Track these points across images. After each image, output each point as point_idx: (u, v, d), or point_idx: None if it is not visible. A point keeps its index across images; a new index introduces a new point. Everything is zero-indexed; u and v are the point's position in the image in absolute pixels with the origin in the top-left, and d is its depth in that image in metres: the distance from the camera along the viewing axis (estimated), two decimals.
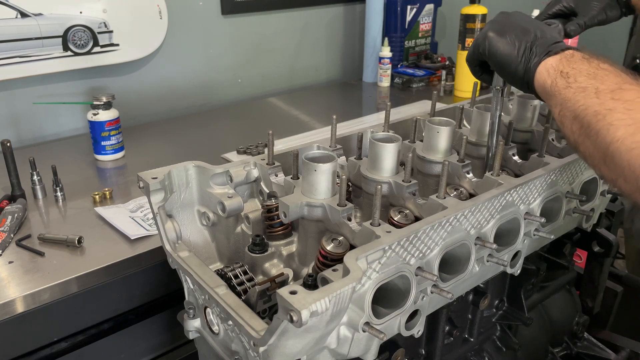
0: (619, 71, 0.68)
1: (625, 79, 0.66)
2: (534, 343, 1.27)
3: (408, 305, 0.74)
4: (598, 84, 0.67)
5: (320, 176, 0.81)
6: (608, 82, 0.66)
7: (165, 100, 2.03)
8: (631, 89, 0.63)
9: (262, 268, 0.88)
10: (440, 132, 0.97)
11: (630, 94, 0.63)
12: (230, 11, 2.09)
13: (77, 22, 1.68)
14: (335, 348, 0.71)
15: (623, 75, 0.67)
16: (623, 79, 0.66)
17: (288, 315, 0.56)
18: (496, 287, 1.11)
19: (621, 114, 0.61)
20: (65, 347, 1.06)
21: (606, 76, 0.67)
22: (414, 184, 0.87)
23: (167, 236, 0.86)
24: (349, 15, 2.48)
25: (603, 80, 0.67)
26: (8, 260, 1.07)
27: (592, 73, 0.69)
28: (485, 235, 0.86)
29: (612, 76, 0.67)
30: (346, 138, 1.05)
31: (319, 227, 0.84)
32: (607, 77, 0.67)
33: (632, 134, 0.59)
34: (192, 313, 0.84)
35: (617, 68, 0.69)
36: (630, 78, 0.66)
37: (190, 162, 0.89)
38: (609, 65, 0.70)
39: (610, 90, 0.65)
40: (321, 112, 2.07)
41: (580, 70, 0.71)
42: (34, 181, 1.32)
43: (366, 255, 0.67)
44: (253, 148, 1.62)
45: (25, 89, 1.70)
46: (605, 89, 0.65)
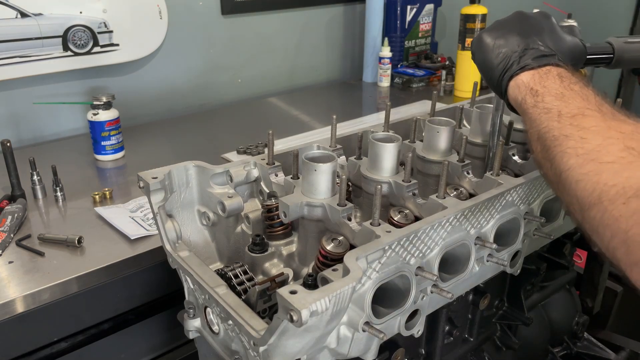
0: (588, 93, 0.66)
1: (589, 104, 0.63)
2: (533, 343, 1.27)
3: (408, 305, 0.74)
4: (562, 106, 0.65)
5: (320, 176, 0.81)
6: (572, 105, 0.64)
7: (165, 100, 2.03)
8: (592, 115, 0.61)
9: (262, 268, 0.88)
10: (440, 132, 0.97)
11: (590, 120, 0.61)
12: (230, 11, 2.09)
13: (77, 22, 1.68)
14: (335, 348, 0.71)
15: (590, 98, 0.65)
16: (588, 103, 0.64)
17: (288, 314, 0.56)
18: (496, 287, 1.11)
19: (575, 142, 0.60)
20: (65, 347, 1.06)
21: (572, 98, 0.65)
22: (414, 184, 0.87)
23: (167, 236, 0.86)
24: (349, 15, 2.48)
25: (568, 103, 0.65)
26: (8, 260, 1.07)
27: (559, 94, 0.67)
28: (485, 235, 0.86)
29: (578, 99, 0.65)
30: (346, 138, 1.05)
31: (319, 226, 0.84)
32: (573, 99, 0.65)
33: (580, 165, 0.58)
34: (192, 313, 0.84)
35: (588, 90, 0.67)
36: (597, 102, 0.64)
37: (190, 162, 0.89)
38: (580, 86, 0.68)
39: (571, 115, 0.63)
40: (321, 112, 2.07)
41: (550, 89, 0.69)
42: (34, 181, 1.32)
43: (366, 255, 0.67)
44: (253, 148, 1.62)
45: (25, 89, 1.70)
46: (567, 112, 0.63)
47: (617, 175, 0.53)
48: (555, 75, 0.71)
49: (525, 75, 0.74)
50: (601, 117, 0.60)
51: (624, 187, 0.51)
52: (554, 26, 0.81)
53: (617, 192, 0.51)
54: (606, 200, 0.52)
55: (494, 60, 0.79)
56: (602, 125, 0.59)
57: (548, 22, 0.81)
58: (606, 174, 0.54)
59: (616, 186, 0.52)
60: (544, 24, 0.81)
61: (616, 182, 0.52)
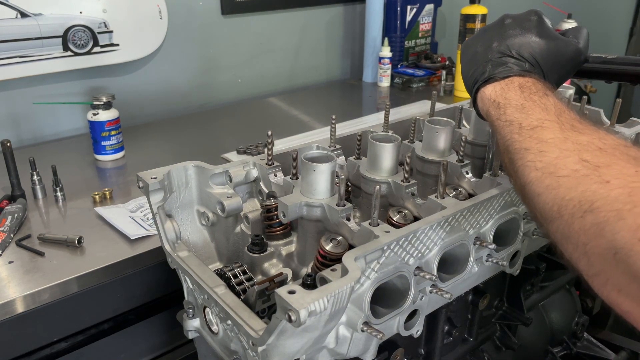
0: (548, 103, 0.65)
1: (548, 114, 0.63)
2: (533, 343, 1.27)
3: (407, 305, 0.74)
4: (523, 118, 0.65)
5: (319, 176, 0.81)
6: (532, 117, 0.64)
7: (165, 100, 2.03)
8: (550, 127, 0.61)
9: (261, 268, 0.88)
10: (439, 132, 0.97)
11: (548, 133, 0.60)
12: (230, 11, 2.09)
13: (77, 22, 1.68)
14: (334, 348, 0.72)
15: (550, 108, 0.64)
16: (547, 114, 0.63)
17: (286, 314, 0.56)
18: (495, 287, 1.11)
19: (534, 155, 0.60)
20: (65, 347, 1.07)
21: (532, 109, 0.65)
22: (413, 184, 0.87)
23: (166, 236, 0.86)
24: (349, 15, 2.48)
25: (528, 115, 0.65)
26: (8, 260, 1.08)
27: (520, 105, 0.67)
28: (484, 235, 0.86)
29: (538, 110, 0.64)
30: (346, 138, 1.05)
31: (318, 227, 0.84)
32: (533, 111, 0.65)
33: (539, 179, 0.58)
34: (191, 313, 0.84)
35: (548, 99, 0.66)
36: (556, 112, 0.63)
37: (189, 162, 0.89)
38: (539, 95, 0.67)
39: (531, 127, 0.63)
40: (321, 112, 2.07)
41: (510, 101, 0.69)
42: (34, 181, 1.32)
43: (365, 255, 0.67)
44: (253, 148, 1.62)
45: (25, 89, 1.71)
46: (527, 125, 0.63)
47: (572, 189, 0.53)
48: (517, 86, 0.71)
49: (489, 87, 0.74)
50: (559, 128, 0.60)
51: (579, 201, 0.51)
52: (538, 28, 0.78)
53: (574, 206, 0.52)
54: (566, 214, 0.53)
55: (469, 71, 0.79)
56: (559, 136, 0.59)
57: (530, 23, 0.78)
58: (563, 188, 0.54)
59: (573, 200, 0.52)
60: (526, 26, 0.78)
61: (572, 197, 0.52)
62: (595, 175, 0.51)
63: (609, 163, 0.52)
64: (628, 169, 0.50)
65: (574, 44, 0.78)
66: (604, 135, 0.56)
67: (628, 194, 0.47)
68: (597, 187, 0.50)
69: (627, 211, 0.46)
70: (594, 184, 0.51)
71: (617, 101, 1.14)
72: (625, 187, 0.48)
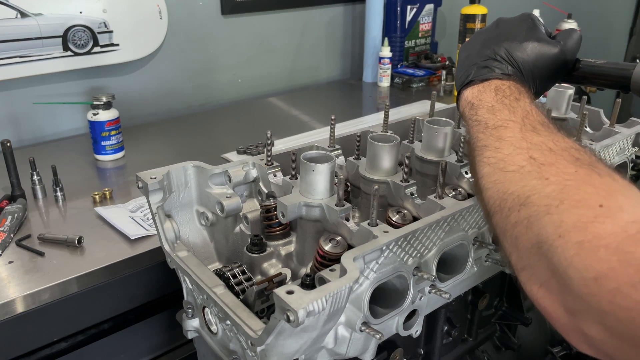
0: (517, 106, 0.66)
1: (514, 116, 0.64)
2: (533, 343, 1.27)
3: (406, 306, 0.74)
4: (490, 118, 0.66)
5: (318, 176, 0.81)
6: (498, 117, 0.65)
7: (165, 100, 2.03)
8: (512, 127, 0.62)
9: (261, 268, 0.88)
10: (439, 132, 0.97)
11: (508, 132, 0.62)
12: (230, 11, 2.09)
13: (77, 22, 1.68)
14: (333, 348, 0.72)
15: (517, 110, 0.65)
16: (513, 115, 0.64)
17: (285, 314, 0.56)
18: (495, 287, 1.11)
19: (490, 152, 0.61)
20: (65, 347, 1.07)
21: (500, 111, 0.66)
22: (412, 184, 0.87)
23: (165, 236, 0.86)
24: (349, 15, 2.48)
25: (495, 115, 0.66)
26: (8, 260, 1.08)
27: (491, 107, 0.68)
28: (483, 235, 0.86)
29: (505, 112, 0.66)
30: (345, 138, 1.05)
31: (317, 227, 0.84)
32: (501, 112, 0.66)
33: (489, 174, 0.59)
34: (190, 313, 0.84)
35: (518, 102, 0.67)
36: (522, 114, 0.64)
37: (189, 162, 0.89)
38: (511, 99, 0.68)
39: (495, 126, 0.64)
40: (321, 112, 2.07)
41: (483, 102, 0.70)
42: (34, 181, 1.32)
43: (363, 255, 0.67)
44: (253, 148, 1.62)
45: (25, 89, 1.71)
46: (493, 124, 0.65)
47: (514, 184, 0.54)
48: (493, 88, 0.72)
49: (468, 90, 0.75)
50: (519, 128, 0.61)
51: (518, 195, 0.52)
52: (527, 31, 0.79)
53: (513, 200, 0.53)
54: (505, 207, 0.54)
55: (458, 74, 0.80)
56: (517, 136, 0.60)
57: (520, 27, 0.79)
58: (508, 182, 0.56)
59: (513, 194, 0.53)
60: (515, 30, 0.79)
61: (513, 191, 0.54)
62: (537, 172, 0.53)
63: (553, 162, 0.53)
64: (568, 167, 0.51)
65: (559, 46, 0.78)
66: (559, 139, 0.58)
67: (560, 190, 0.48)
68: (535, 182, 0.52)
69: (555, 207, 0.47)
70: (533, 180, 0.52)
71: (616, 101, 1.14)
72: (559, 184, 0.49)
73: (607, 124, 1.17)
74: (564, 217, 0.46)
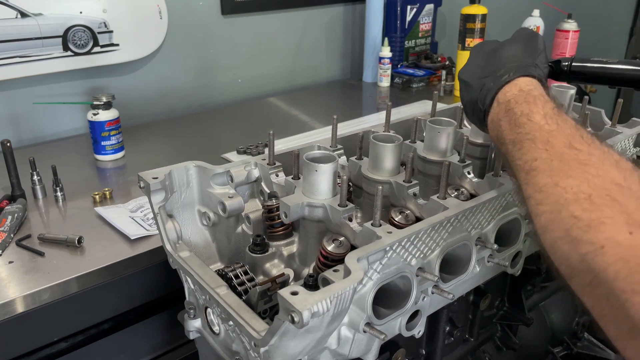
0: (533, 128, 0.64)
1: (537, 150, 0.61)
2: (534, 343, 1.27)
3: (409, 306, 0.74)
4: (518, 158, 0.64)
5: (321, 176, 0.81)
6: (525, 157, 0.63)
7: (165, 100, 2.02)
8: (541, 168, 0.60)
9: (263, 268, 0.88)
10: (441, 132, 0.97)
11: (540, 178, 0.59)
12: (230, 11, 2.09)
13: (77, 22, 1.68)
14: (336, 349, 0.71)
15: (536, 137, 0.63)
16: (535, 150, 0.62)
17: (289, 316, 0.56)
18: (497, 288, 1.11)
19: (534, 207, 0.59)
20: (65, 347, 1.06)
21: (522, 146, 0.65)
22: (415, 185, 0.87)
23: (167, 236, 0.86)
24: (349, 15, 2.48)
25: (522, 154, 0.64)
26: (8, 260, 1.07)
27: (511, 140, 0.67)
28: (486, 236, 0.85)
29: (526, 145, 0.64)
30: (347, 138, 1.05)
31: (319, 227, 0.83)
32: (523, 147, 0.64)
33: (542, 235, 0.57)
34: (192, 313, 0.84)
35: (532, 124, 0.65)
36: (542, 140, 0.61)
37: (190, 162, 0.89)
38: (523, 121, 0.66)
39: (526, 171, 0.62)
40: (321, 112, 2.07)
41: (505, 135, 0.69)
42: (34, 181, 1.32)
43: (367, 256, 0.67)
44: (253, 148, 1.62)
45: (25, 89, 1.70)
46: (522, 167, 0.63)
47: (571, 254, 0.52)
48: (504, 111, 0.71)
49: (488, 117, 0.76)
50: (548, 169, 0.59)
51: (582, 270, 0.51)
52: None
53: (579, 272, 0.51)
54: (574, 278, 0.53)
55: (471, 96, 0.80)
56: (549, 182, 0.57)
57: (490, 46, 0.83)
58: (561, 250, 0.54)
59: (576, 268, 0.52)
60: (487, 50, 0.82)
61: (573, 263, 0.52)
62: (587, 240, 0.50)
63: (599, 220, 0.50)
64: (621, 231, 0.48)
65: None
66: (593, 173, 0.54)
67: (628, 272, 0.46)
68: (593, 255, 0.49)
69: (631, 293, 0.46)
70: (589, 252, 0.50)
71: (618, 101, 1.14)
72: (623, 262, 0.47)
73: (608, 124, 1.16)
74: None
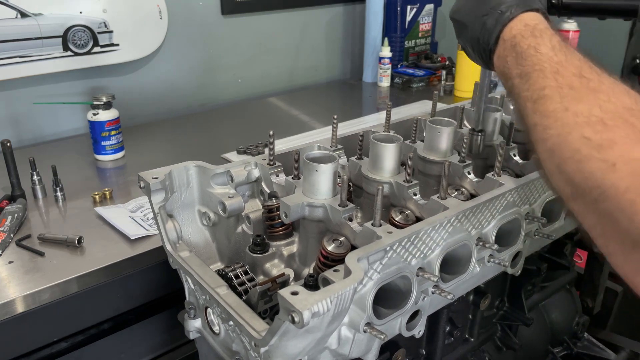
0: (542, 59, 0.62)
1: (546, 79, 0.60)
2: (534, 343, 1.27)
3: (409, 306, 0.74)
4: (525, 89, 0.63)
5: (321, 176, 0.81)
6: (533, 87, 0.62)
7: (165, 100, 2.02)
8: (550, 95, 0.59)
9: (263, 268, 0.88)
10: (441, 132, 0.97)
11: (549, 104, 0.58)
12: (230, 11, 2.09)
13: (77, 22, 1.68)
14: (336, 349, 0.71)
15: (545, 67, 0.61)
16: (545, 79, 0.61)
17: (289, 316, 0.56)
18: (497, 288, 1.11)
19: (541, 133, 0.58)
20: (65, 347, 1.06)
21: (530, 77, 0.63)
22: (415, 185, 0.87)
23: (167, 236, 0.86)
24: (349, 15, 2.48)
25: (530, 85, 0.63)
26: (8, 260, 1.07)
27: (518, 73, 0.66)
28: (486, 236, 0.85)
29: (535, 76, 0.62)
30: (347, 138, 1.05)
31: (319, 227, 0.83)
32: (531, 78, 0.63)
33: (548, 159, 0.56)
34: (192, 313, 0.84)
35: (540, 54, 0.63)
36: (553, 70, 0.60)
37: (191, 162, 0.89)
38: (531, 53, 0.64)
39: (533, 100, 0.61)
40: (321, 112, 2.07)
41: (512, 70, 0.68)
42: (34, 181, 1.32)
43: (367, 256, 0.67)
44: (253, 148, 1.62)
45: (25, 89, 1.70)
46: (530, 97, 0.62)
47: (578, 173, 0.51)
48: (509, 47, 0.69)
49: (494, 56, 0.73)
50: (558, 94, 0.58)
51: (589, 187, 0.50)
52: None
53: (584, 191, 0.51)
54: (579, 197, 0.52)
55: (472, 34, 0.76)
56: (558, 107, 0.56)
57: None
58: (569, 171, 0.52)
59: (581, 185, 0.51)
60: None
61: (580, 181, 0.51)
62: (598, 159, 0.49)
63: (612, 140, 0.49)
64: (635, 149, 0.48)
65: None
66: (605, 99, 0.53)
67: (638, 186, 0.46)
68: (604, 173, 0.48)
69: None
70: (600, 170, 0.49)
71: None
72: (636, 176, 0.46)
73: None
74: None
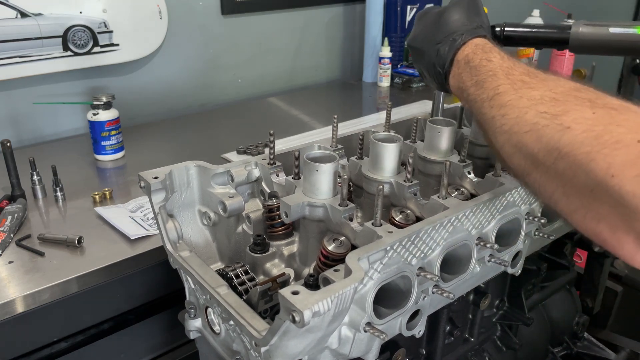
0: (493, 67, 0.69)
1: (498, 79, 0.66)
2: (534, 343, 1.27)
3: (409, 306, 0.74)
4: (480, 93, 0.68)
5: (321, 176, 0.81)
6: (487, 88, 0.67)
7: (165, 100, 2.02)
8: (505, 90, 0.64)
9: (263, 268, 0.88)
10: (441, 132, 0.97)
11: (505, 96, 0.64)
12: (230, 11, 2.09)
13: (77, 22, 1.68)
14: (336, 348, 0.71)
15: (497, 71, 0.68)
16: (497, 80, 0.67)
17: (290, 315, 0.56)
18: (497, 287, 1.11)
19: (499, 121, 0.63)
20: (65, 347, 1.06)
21: (484, 82, 0.69)
22: (415, 184, 0.87)
23: (168, 236, 0.86)
24: (349, 15, 2.48)
25: (484, 89, 0.68)
26: (8, 260, 1.07)
27: (474, 82, 0.71)
28: (486, 236, 0.85)
29: (489, 80, 0.68)
30: (347, 138, 1.05)
31: (320, 227, 0.83)
32: (485, 82, 0.68)
33: (508, 140, 0.61)
34: (193, 313, 0.84)
35: (491, 63, 0.70)
36: (504, 72, 0.67)
37: (191, 162, 0.89)
38: (483, 64, 0.70)
39: (489, 98, 0.66)
40: (321, 112, 2.07)
41: (466, 82, 0.73)
42: (34, 181, 1.32)
43: (368, 256, 0.67)
44: (253, 148, 1.62)
45: (25, 89, 1.70)
46: (486, 97, 0.67)
47: (537, 142, 0.56)
48: (463, 63, 0.75)
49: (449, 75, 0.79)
50: (512, 88, 0.64)
51: (547, 150, 0.55)
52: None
53: (543, 156, 0.55)
54: (539, 165, 0.56)
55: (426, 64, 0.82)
56: (514, 97, 0.62)
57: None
58: (529, 143, 0.57)
59: (541, 152, 0.56)
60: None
61: (540, 148, 0.56)
62: (555, 124, 0.54)
63: (565, 110, 0.55)
64: (585, 112, 0.53)
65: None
66: (554, 85, 0.59)
67: (594, 137, 0.50)
68: (560, 135, 0.53)
69: (596, 152, 0.49)
70: (556, 133, 0.54)
71: None
72: (588, 131, 0.51)
73: None
74: (609, 159, 0.48)
